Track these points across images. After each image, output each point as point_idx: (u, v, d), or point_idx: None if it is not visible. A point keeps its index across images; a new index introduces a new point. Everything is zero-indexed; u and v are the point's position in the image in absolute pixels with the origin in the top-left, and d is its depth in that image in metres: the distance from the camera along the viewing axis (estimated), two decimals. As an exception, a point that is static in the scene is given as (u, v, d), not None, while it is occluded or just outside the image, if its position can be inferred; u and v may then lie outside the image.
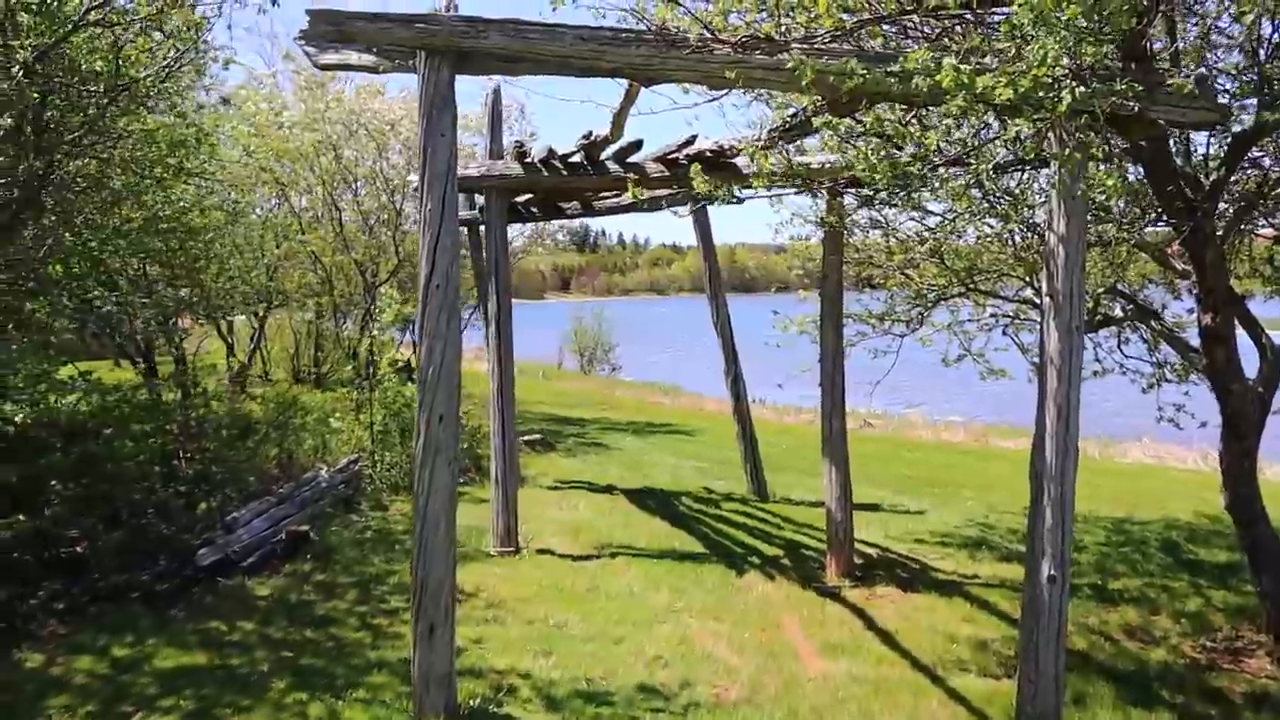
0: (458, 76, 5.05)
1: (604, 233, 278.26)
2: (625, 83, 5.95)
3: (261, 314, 21.60)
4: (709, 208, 12.06)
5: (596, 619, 7.26)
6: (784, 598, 7.91)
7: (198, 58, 10.45)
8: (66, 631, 7.03)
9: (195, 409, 10.77)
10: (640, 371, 35.79)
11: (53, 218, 8.69)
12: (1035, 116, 4.14)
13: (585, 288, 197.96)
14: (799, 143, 8.12)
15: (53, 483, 8.38)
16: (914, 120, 5.72)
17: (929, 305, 9.15)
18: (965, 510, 11.71)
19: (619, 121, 6.92)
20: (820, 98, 5.17)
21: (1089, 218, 5.29)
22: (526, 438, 16.16)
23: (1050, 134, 4.46)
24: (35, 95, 6.92)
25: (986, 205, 7.76)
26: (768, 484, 12.27)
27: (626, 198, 11.45)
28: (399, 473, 12.14)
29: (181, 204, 10.18)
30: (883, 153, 5.02)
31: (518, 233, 20.82)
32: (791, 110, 6.74)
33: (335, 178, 16.09)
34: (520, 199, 12.06)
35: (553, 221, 20.79)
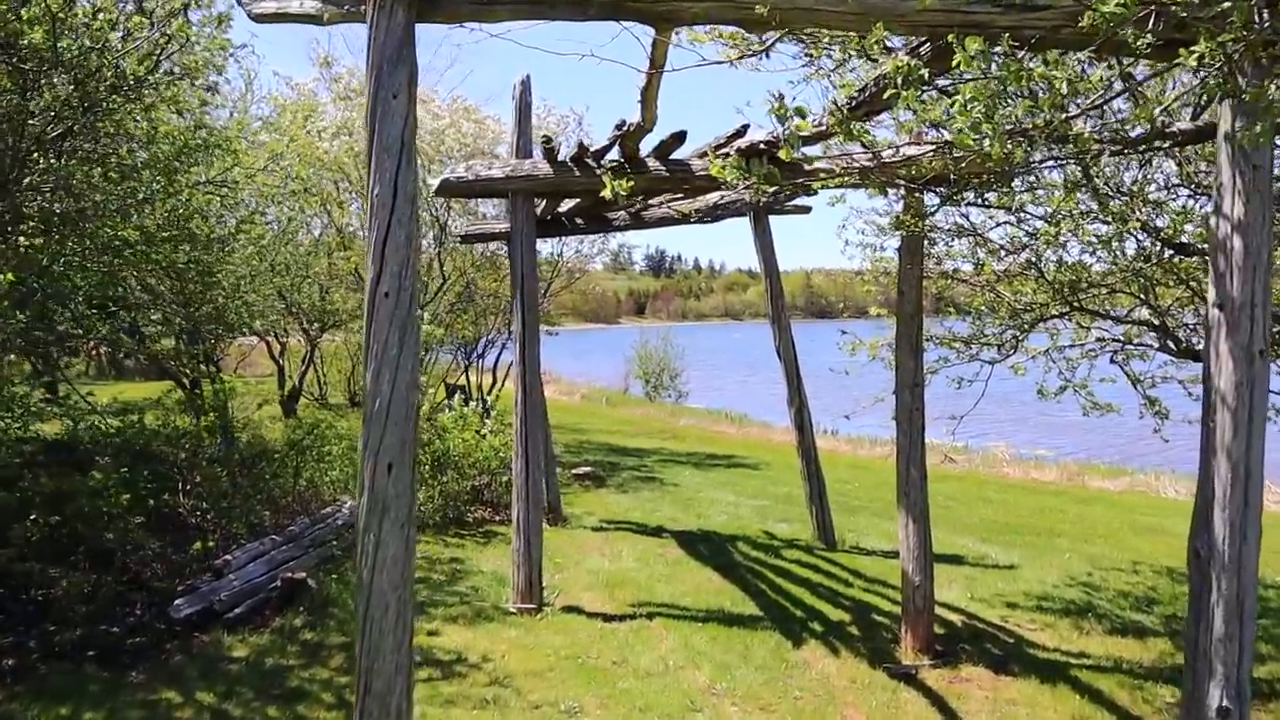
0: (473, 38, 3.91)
1: (679, 257, 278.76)
2: (645, 45, 4.74)
3: (314, 335, 20.97)
4: (772, 217, 10.80)
5: (619, 706, 5.98)
6: (848, 680, 6.52)
7: (212, 54, 9.58)
8: (1, 697, 6.03)
9: (198, 435, 9.81)
10: (708, 399, 34.44)
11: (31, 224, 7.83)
12: (1223, 38, 2.81)
13: (660, 312, 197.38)
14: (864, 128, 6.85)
15: (30, 517, 7.50)
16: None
17: (1025, 327, 7.73)
18: (1063, 566, 10.15)
19: (649, 100, 5.72)
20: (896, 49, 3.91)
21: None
22: (577, 470, 15.00)
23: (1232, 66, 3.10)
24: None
25: (1098, 204, 6.38)
26: (836, 529, 10.86)
27: (677, 204, 10.29)
28: (431, 509, 11.07)
29: (187, 212, 9.29)
30: (979, 114, 3.66)
31: (574, 250, 19.75)
32: (858, 78, 5.45)
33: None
34: (563, 209, 10.95)
35: (610, 238, 19.75)
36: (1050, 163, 5.86)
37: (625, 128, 6.84)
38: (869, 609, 8.26)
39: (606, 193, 4.76)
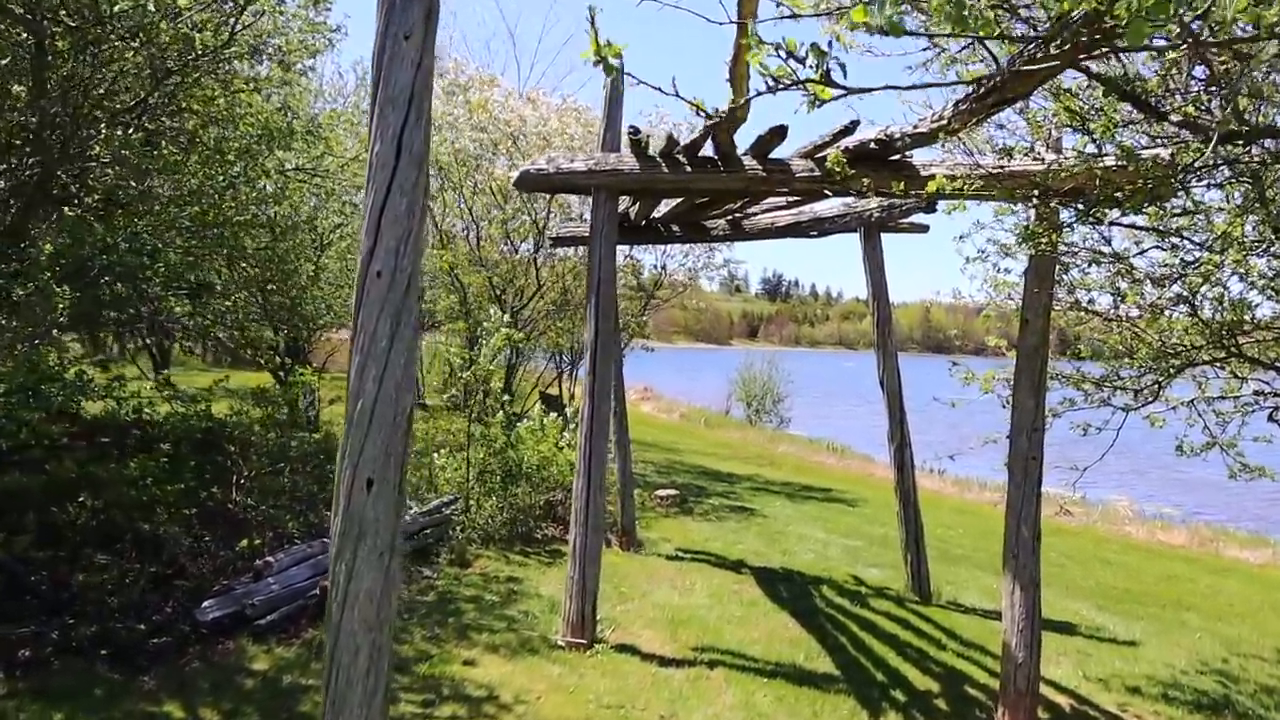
0: None
1: (796, 282, 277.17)
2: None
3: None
4: (889, 240, 9.89)
5: (655, 773, 5.21)
6: (932, 769, 5.60)
7: (305, 36, 9.27)
8: (3, 692, 5.62)
9: (261, 427, 9.43)
10: (811, 426, 33.26)
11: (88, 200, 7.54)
12: None
13: (773, 336, 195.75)
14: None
15: (65, 505, 7.16)
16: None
17: (1169, 372, 6.66)
18: (1194, 647, 8.92)
19: (738, 81, 4.96)
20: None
21: None
22: (661, 492, 14.26)
23: None
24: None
25: (1275, 231, 5.33)
26: (932, 579, 9.83)
27: (779, 215, 9.51)
28: (498, 522, 10.49)
29: (262, 196, 8.96)
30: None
31: (679, 263, 19.07)
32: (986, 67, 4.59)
33: (470, 187, 14.82)
34: (658, 213, 10.27)
35: (707, 249, 18.98)
36: (1218, 174, 4.89)
37: (716, 115, 6.08)
38: (962, 679, 7.27)
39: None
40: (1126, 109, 5.19)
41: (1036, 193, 5.51)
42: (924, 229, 9.79)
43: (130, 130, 7.08)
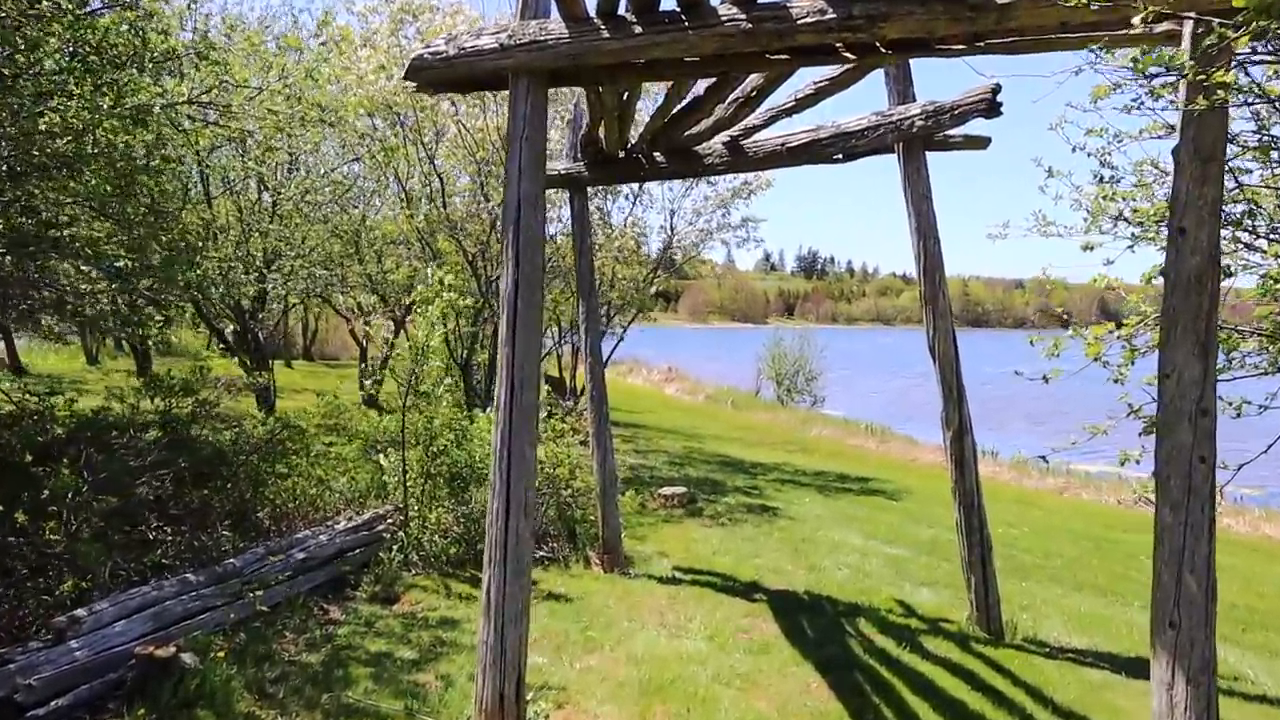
0: None
1: (832, 259, 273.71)
2: None
3: (399, 315, 18.64)
4: (932, 161, 7.45)
5: None
6: None
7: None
8: None
9: (111, 429, 7.26)
10: (847, 405, 30.79)
11: None
12: None
13: (809, 314, 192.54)
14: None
15: None
16: None
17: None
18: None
19: None
20: None
21: None
22: (665, 490, 11.96)
23: None
24: None
25: None
26: (1001, 608, 7.43)
27: (791, 134, 7.20)
28: (443, 543, 8.26)
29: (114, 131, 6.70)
30: None
31: (688, 223, 16.66)
32: None
33: (432, 132, 12.54)
34: (631, 146, 7.96)
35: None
36: None
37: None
38: (1069, 784, 4.91)
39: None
40: None
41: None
42: (983, 143, 7.36)
43: None
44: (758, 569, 8.93)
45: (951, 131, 7.22)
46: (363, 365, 22.09)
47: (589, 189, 9.51)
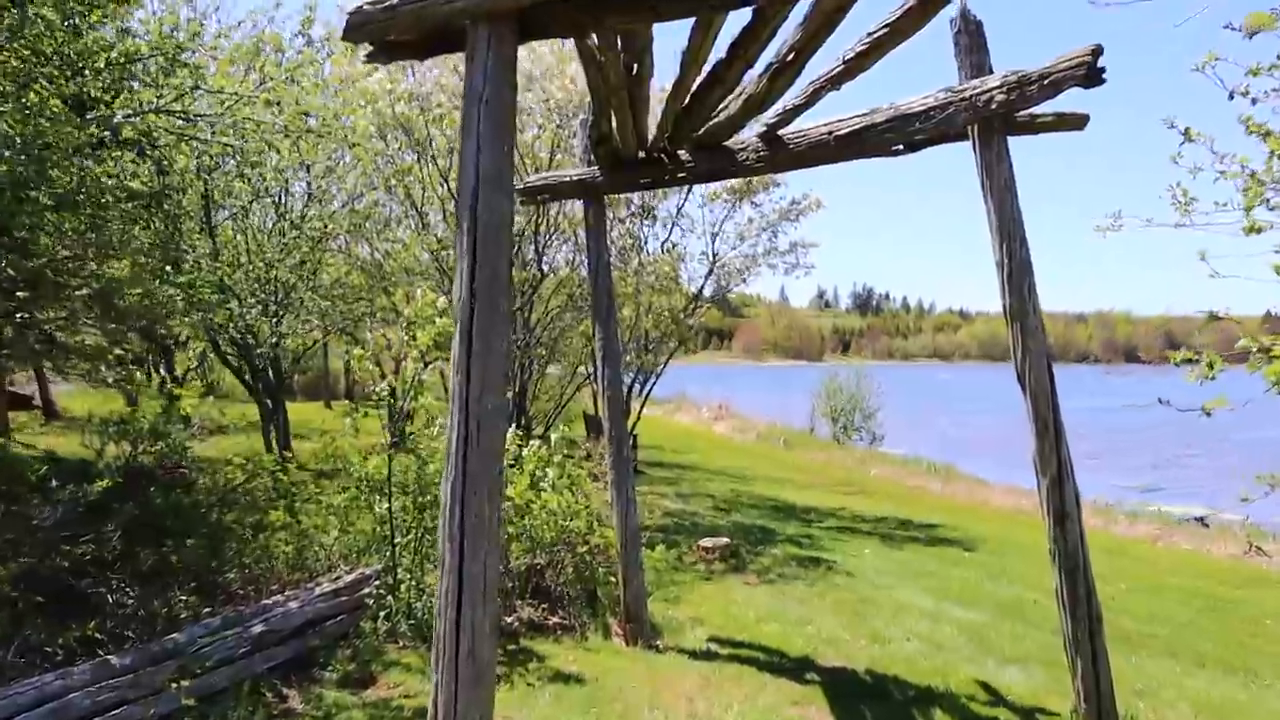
0: None
1: (887, 295, 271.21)
2: None
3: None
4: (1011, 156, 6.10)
5: None
6: None
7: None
8: None
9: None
10: (907, 442, 29.09)
11: None
12: None
13: (865, 350, 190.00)
14: None
15: None
16: None
17: None
18: None
19: None
20: None
21: None
22: (707, 542, 10.61)
23: None
24: None
25: None
26: (1112, 684, 5.95)
27: (839, 121, 5.97)
28: (429, 608, 7.03)
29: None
30: None
31: (732, 248, 15.38)
32: None
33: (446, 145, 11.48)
34: (651, 143, 6.78)
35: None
36: None
37: None
38: None
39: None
40: None
41: None
42: (1079, 122, 6.02)
43: None
44: (809, 639, 7.53)
45: (1037, 110, 5.90)
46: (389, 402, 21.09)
47: (606, 197, 8.30)
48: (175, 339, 14.72)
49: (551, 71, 11.17)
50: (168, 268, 8.13)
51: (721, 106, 6.13)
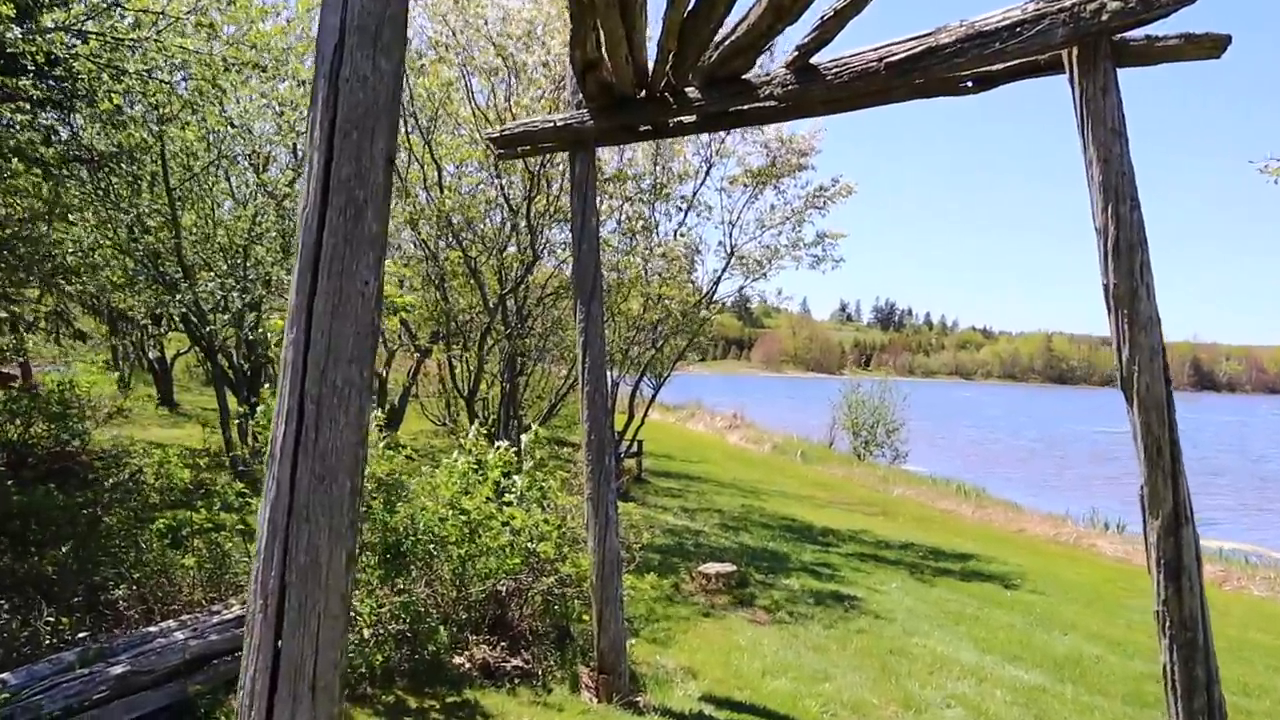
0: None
1: (910, 311, 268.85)
2: None
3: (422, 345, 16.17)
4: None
5: None
6: None
7: None
8: None
9: None
10: (932, 461, 27.51)
11: None
12: None
13: (886, 365, 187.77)
14: None
15: None
16: None
17: None
18: None
19: None
20: None
21: None
22: (708, 569, 9.19)
23: None
24: None
25: None
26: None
27: (894, 44, 4.46)
28: (370, 647, 5.65)
29: None
30: None
31: (752, 238, 13.88)
32: None
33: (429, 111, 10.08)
34: (652, 77, 5.38)
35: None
36: None
37: None
38: None
39: None
40: None
41: None
42: (1217, 45, 4.51)
43: None
44: (827, 703, 6.07)
45: (1152, 30, 4.44)
46: (380, 395, 19.76)
47: (597, 148, 6.82)
48: (131, 316, 13.42)
49: (553, 24, 9.77)
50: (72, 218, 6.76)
51: (740, 20, 4.73)
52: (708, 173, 13.57)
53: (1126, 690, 6.97)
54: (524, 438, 6.91)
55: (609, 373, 15.37)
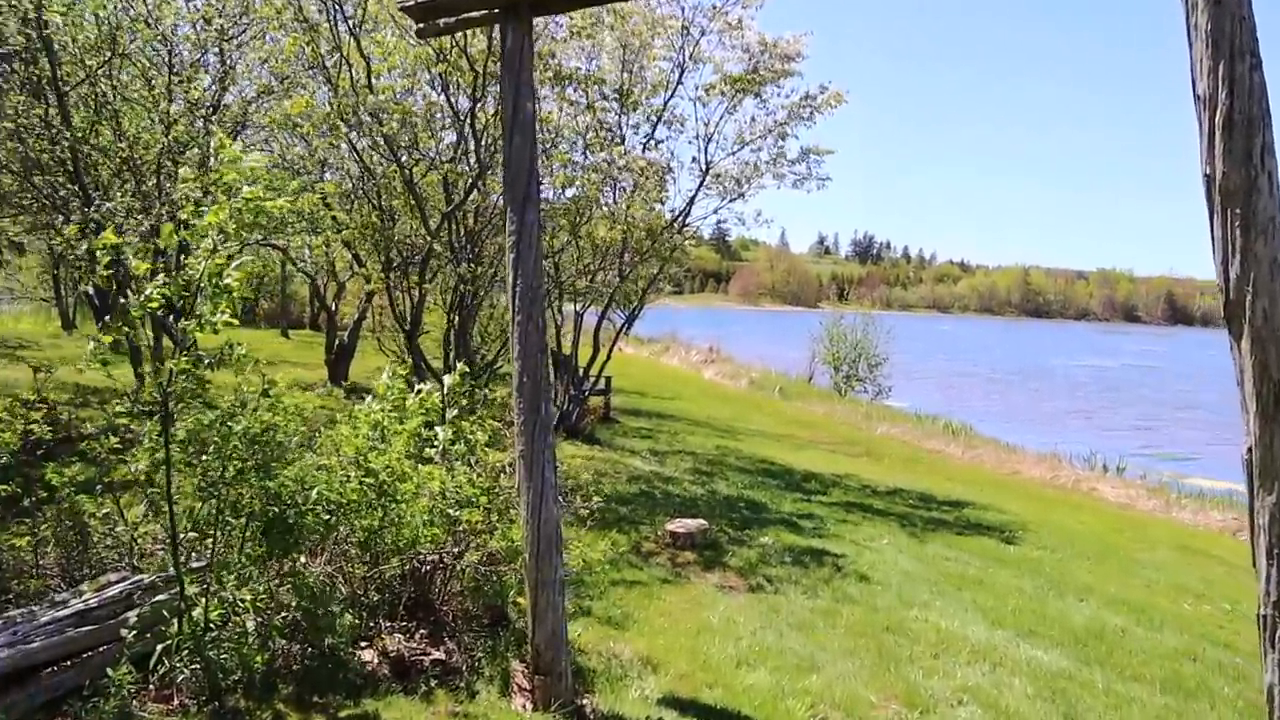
0: None
1: (888, 244, 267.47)
2: None
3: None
4: None
5: None
6: None
7: None
8: None
9: None
10: (916, 397, 26.56)
11: None
12: None
13: (863, 298, 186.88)
14: None
15: None
16: None
17: None
18: None
19: None
20: None
21: None
22: (675, 526, 8.08)
23: None
24: None
25: None
26: None
27: None
28: (252, 644, 4.46)
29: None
30: None
31: (729, 154, 12.56)
32: None
33: None
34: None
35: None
36: None
37: None
38: None
39: None
40: None
41: None
42: None
43: None
44: (814, 702, 4.98)
45: None
46: (330, 333, 18.46)
47: (536, 18, 5.46)
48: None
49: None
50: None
51: None
52: (679, 79, 12.17)
53: (1163, 674, 5.94)
54: (446, 379, 5.67)
55: (572, 305, 14.11)
